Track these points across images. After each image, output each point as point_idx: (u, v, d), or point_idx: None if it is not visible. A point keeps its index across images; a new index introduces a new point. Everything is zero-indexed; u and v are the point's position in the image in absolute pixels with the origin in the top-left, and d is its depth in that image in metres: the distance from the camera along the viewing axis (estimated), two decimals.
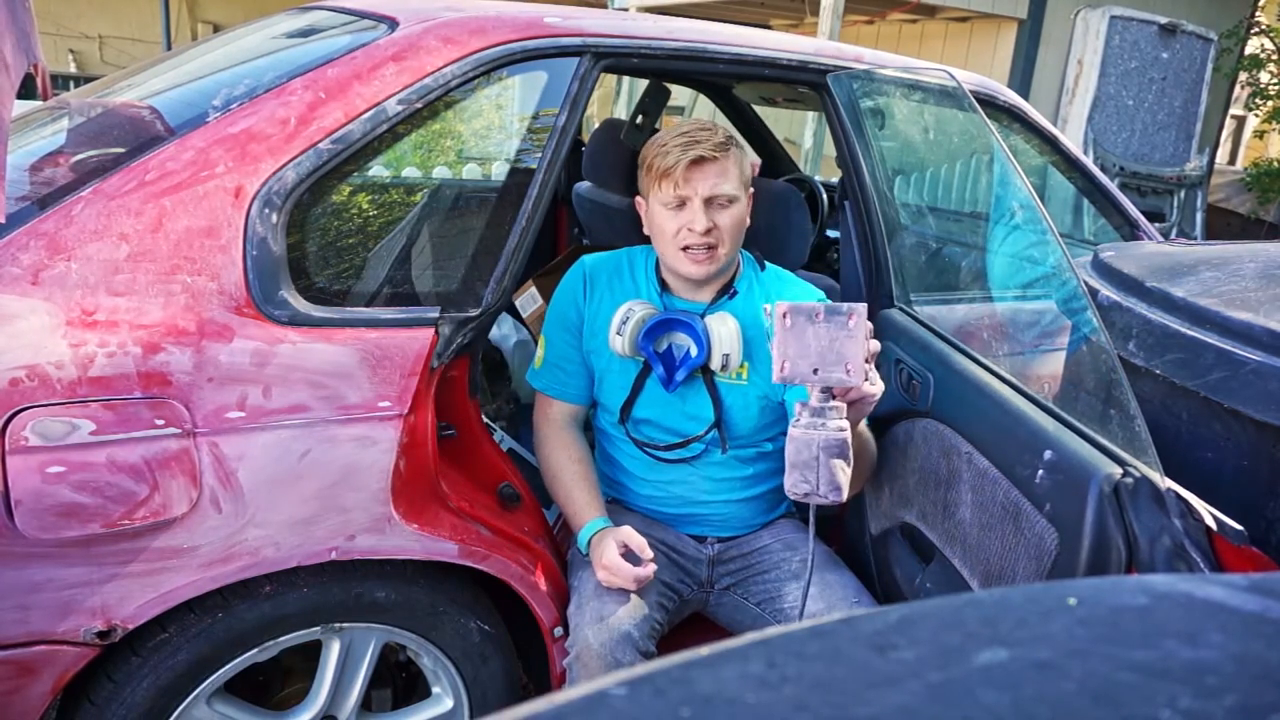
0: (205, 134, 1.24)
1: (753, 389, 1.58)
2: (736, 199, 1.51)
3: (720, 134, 1.51)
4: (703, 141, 1.47)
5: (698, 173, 1.48)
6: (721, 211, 1.51)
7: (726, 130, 1.54)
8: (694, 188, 1.48)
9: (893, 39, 8.28)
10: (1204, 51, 7.08)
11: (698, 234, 1.49)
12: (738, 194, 1.51)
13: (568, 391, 1.64)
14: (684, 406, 1.60)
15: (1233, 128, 11.92)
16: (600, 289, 1.63)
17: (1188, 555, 1.01)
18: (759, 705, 0.39)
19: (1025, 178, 1.38)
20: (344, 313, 1.29)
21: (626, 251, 1.69)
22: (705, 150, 1.47)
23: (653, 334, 1.53)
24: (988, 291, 2.08)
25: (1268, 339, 1.18)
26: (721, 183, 1.49)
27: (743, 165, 1.54)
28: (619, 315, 1.54)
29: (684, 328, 1.54)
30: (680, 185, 1.48)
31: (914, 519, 1.51)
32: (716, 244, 1.51)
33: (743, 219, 1.54)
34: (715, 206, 1.50)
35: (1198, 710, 0.39)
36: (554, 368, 1.64)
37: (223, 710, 1.36)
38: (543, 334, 1.66)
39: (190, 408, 1.16)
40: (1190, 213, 6.67)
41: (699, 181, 1.48)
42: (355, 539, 1.31)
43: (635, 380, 1.60)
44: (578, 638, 1.42)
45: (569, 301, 1.64)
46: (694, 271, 1.54)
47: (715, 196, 1.49)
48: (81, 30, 10.62)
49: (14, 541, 1.09)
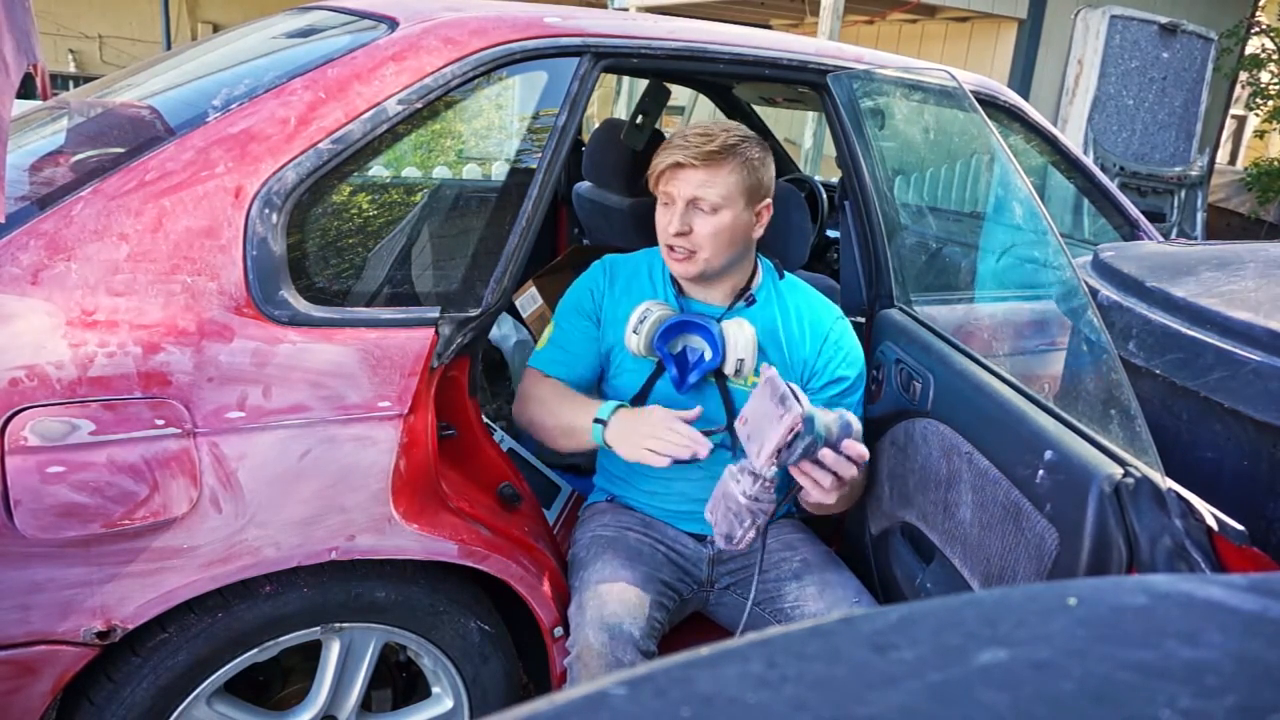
0: (205, 134, 1.24)
1: None
2: (720, 207, 1.49)
3: (719, 140, 1.49)
4: (694, 146, 1.47)
5: (681, 173, 1.49)
6: (700, 216, 1.50)
7: (740, 137, 1.51)
8: (677, 188, 1.50)
9: (893, 39, 8.27)
10: (1204, 51, 7.08)
11: (670, 235, 1.51)
12: (721, 202, 1.49)
13: (561, 370, 1.62)
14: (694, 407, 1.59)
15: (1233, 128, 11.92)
16: (620, 284, 1.64)
17: (1189, 555, 1.01)
18: (759, 705, 0.39)
19: (1025, 178, 1.38)
20: (344, 313, 1.29)
21: (646, 253, 1.69)
22: (690, 156, 1.47)
23: (668, 335, 1.53)
24: (988, 291, 2.08)
25: (1268, 339, 1.18)
26: (705, 188, 1.48)
27: (745, 174, 1.51)
28: (637, 314, 1.54)
29: (700, 330, 1.54)
30: (665, 183, 1.51)
31: (914, 519, 1.51)
32: (694, 249, 1.51)
33: (727, 228, 1.51)
34: (695, 210, 1.50)
35: (1198, 710, 0.38)
36: (556, 348, 1.64)
37: (223, 710, 1.36)
38: (553, 319, 1.66)
39: (190, 408, 1.16)
40: (1190, 213, 6.67)
41: (682, 183, 1.49)
42: (355, 539, 1.31)
43: (647, 379, 1.60)
44: (578, 637, 1.42)
45: (586, 290, 1.64)
46: (674, 269, 1.56)
47: (696, 199, 1.49)
48: (81, 30, 10.62)
49: (14, 541, 1.09)
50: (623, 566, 1.51)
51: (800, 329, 1.61)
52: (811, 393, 1.59)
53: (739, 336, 1.52)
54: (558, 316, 1.66)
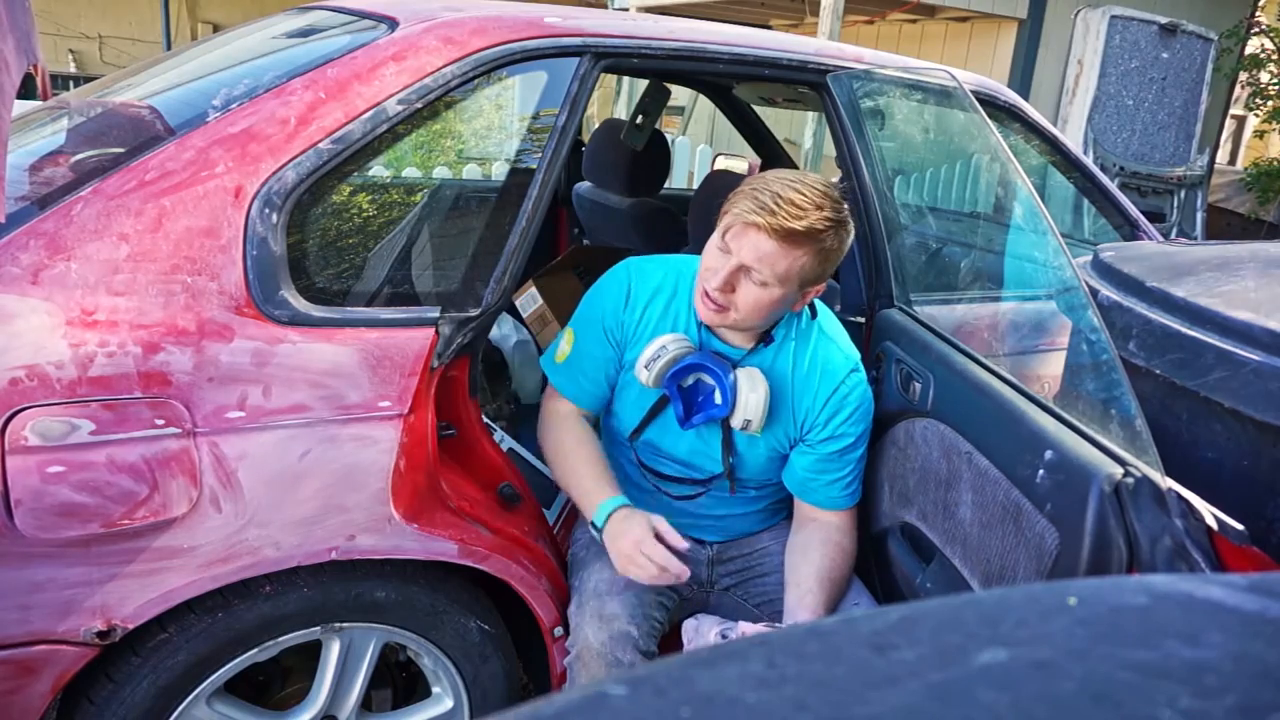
0: (205, 134, 1.24)
1: (764, 442, 1.55)
2: (770, 284, 1.39)
3: (807, 222, 1.35)
4: (779, 217, 1.34)
5: (751, 235, 1.37)
6: (747, 283, 1.40)
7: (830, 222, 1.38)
8: (740, 246, 1.38)
9: (893, 39, 8.27)
10: (1204, 51, 7.08)
11: (711, 285, 1.41)
12: (775, 282, 1.38)
13: (581, 396, 1.57)
14: (696, 444, 1.57)
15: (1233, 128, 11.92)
16: (642, 301, 1.54)
17: (1189, 555, 1.01)
18: (759, 705, 0.39)
19: (1025, 178, 1.38)
20: (344, 313, 1.29)
21: (678, 264, 1.58)
22: (770, 225, 1.34)
23: (680, 375, 1.47)
24: (988, 291, 2.08)
25: (1268, 339, 1.18)
26: (765, 264, 1.37)
27: (813, 262, 1.39)
28: (651, 350, 1.46)
29: (714, 376, 1.47)
30: (732, 235, 1.39)
31: (914, 519, 1.51)
32: (729, 306, 1.42)
33: (769, 304, 1.41)
34: (744, 275, 1.40)
35: (1198, 710, 0.38)
36: (574, 369, 1.56)
37: (223, 710, 1.36)
38: (570, 325, 1.58)
39: (190, 407, 1.16)
40: (1190, 213, 6.68)
41: (748, 245, 1.37)
42: (355, 539, 1.31)
43: (652, 407, 1.56)
44: (579, 637, 1.42)
45: (608, 305, 1.55)
46: (701, 312, 1.46)
47: (749, 268, 1.38)
48: (81, 30, 10.62)
49: (14, 541, 1.09)
50: None
51: (811, 378, 1.52)
52: (808, 445, 1.54)
53: (751, 397, 1.44)
54: (576, 324, 1.57)
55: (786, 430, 1.54)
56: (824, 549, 1.51)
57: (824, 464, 1.53)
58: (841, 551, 1.53)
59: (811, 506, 1.57)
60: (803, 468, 1.55)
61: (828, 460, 1.53)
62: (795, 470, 1.57)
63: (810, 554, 1.51)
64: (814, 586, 1.46)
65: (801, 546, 1.53)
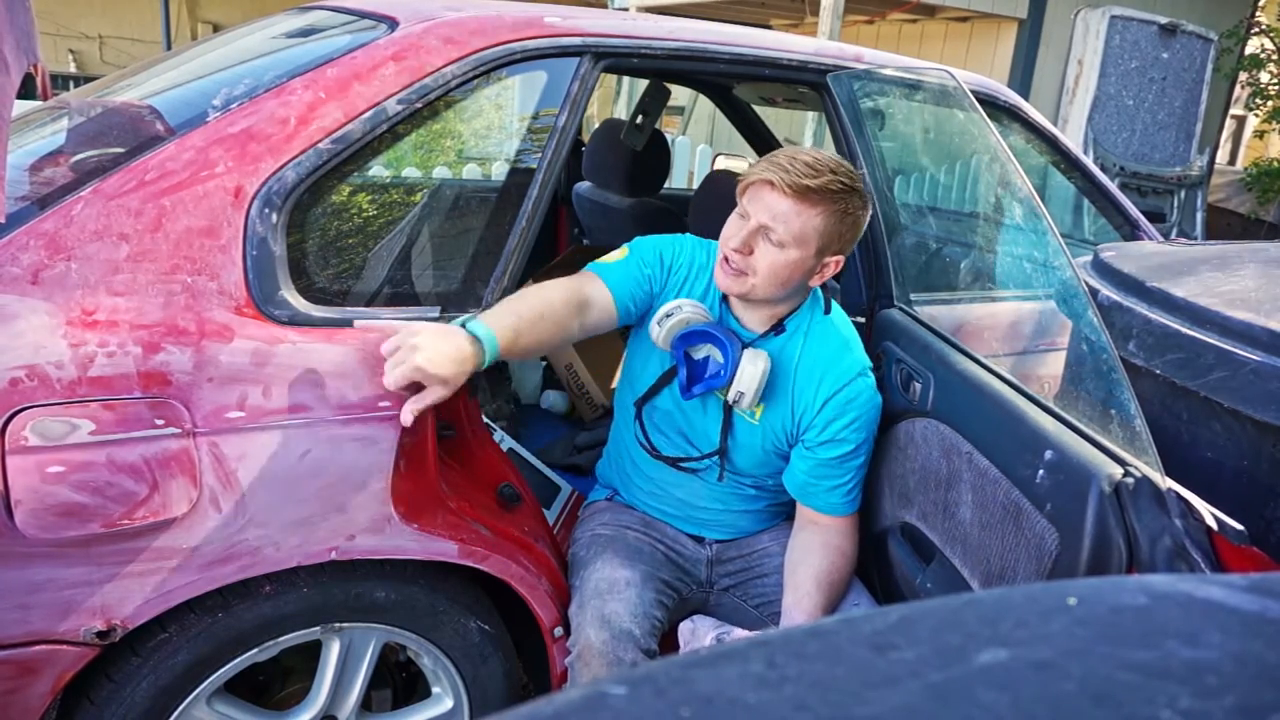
0: (205, 134, 1.24)
1: (762, 432, 1.56)
2: (788, 244, 1.41)
3: (823, 180, 1.38)
4: (793, 174, 1.38)
5: (767, 194, 1.40)
6: (764, 244, 1.42)
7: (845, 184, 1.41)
8: (756, 207, 1.41)
9: (893, 39, 8.27)
10: (1204, 51, 7.08)
11: (730, 246, 1.44)
12: (792, 241, 1.40)
13: (613, 278, 1.52)
14: (696, 419, 1.58)
15: (1233, 128, 11.92)
16: (680, 271, 1.56)
17: (1188, 555, 1.01)
18: (759, 705, 0.39)
19: (1025, 178, 1.38)
20: (344, 313, 1.29)
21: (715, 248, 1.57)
22: (785, 181, 1.38)
23: (690, 339, 1.49)
24: (988, 291, 2.08)
25: (1268, 339, 1.18)
26: (782, 221, 1.40)
27: (831, 223, 1.42)
28: (667, 307, 1.50)
29: (721, 346, 1.48)
30: (749, 198, 1.43)
31: (914, 519, 1.51)
32: (747, 271, 1.44)
33: (785, 266, 1.43)
34: (763, 237, 1.42)
35: (1198, 710, 0.38)
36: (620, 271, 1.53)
37: (223, 710, 1.36)
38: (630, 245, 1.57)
39: (190, 407, 1.16)
40: (1190, 213, 6.68)
41: (763, 205, 1.41)
42: (355, 539, 1.31)
43: (663, 374, 1.58)
44: (579, 636, 1.42)
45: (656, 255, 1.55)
46: (719, 280, 1.48)
47: (767, 227, 1.41)
48: (81, 30, 10.62)
49: (14, 541, 1.09)
50: (623, 565, 1.51)
51: (815, 373, 1.52)
52: (806, 447, 1.54)
53: (749, 370, 1.46)
54: (639, 245, 1.56)
55: (783, 421, 1.54)
56: (823, 552, 1.52)
57: (824, 469, 1.53)
58: (841, 555, 1.53)
59: (812, 510, 1.57)
60: (803, 471, 1.55)
61: (827, 466, 1.53)
62: (796, 473, 1.57)
63: (809, 557, 1.51)
64: (812, 589, 1.46)
65: (801, 549, 1.54)
